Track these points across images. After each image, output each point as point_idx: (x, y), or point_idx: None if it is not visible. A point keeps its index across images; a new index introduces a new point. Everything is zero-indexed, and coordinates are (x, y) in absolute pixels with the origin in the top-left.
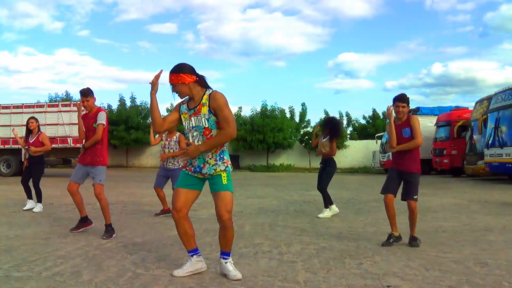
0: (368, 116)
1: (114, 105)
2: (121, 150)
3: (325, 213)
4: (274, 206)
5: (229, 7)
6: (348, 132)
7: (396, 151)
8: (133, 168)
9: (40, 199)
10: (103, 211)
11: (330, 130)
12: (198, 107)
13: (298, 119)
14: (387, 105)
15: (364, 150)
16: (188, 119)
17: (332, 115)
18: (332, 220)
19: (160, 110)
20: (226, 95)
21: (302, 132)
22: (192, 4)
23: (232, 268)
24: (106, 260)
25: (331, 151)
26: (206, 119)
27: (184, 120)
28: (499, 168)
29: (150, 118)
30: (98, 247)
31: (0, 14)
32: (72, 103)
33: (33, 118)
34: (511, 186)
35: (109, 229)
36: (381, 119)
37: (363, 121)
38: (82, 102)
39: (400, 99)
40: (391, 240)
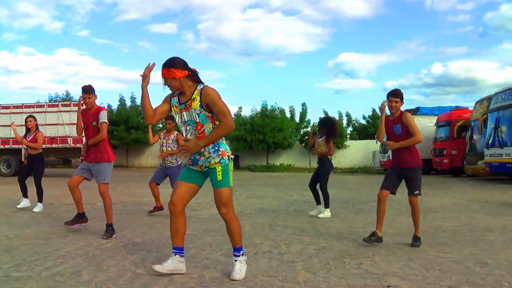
0: (368, 116)
1: (114, 105)
2: (121, 150)
3: (325, 213)
4: (274, 206)
5: (229, 7)
6: (348, 132)
7: (394, 150)
8: (133, 168)
9: (41, 198)
10: (106, 210)
11: (326, 129)
12: (189, 102)
13: (298, 119)
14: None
15: (364, 150)
16: (179, 113)
17: (328, 115)
18: (332, 220)
19: (151, 103)
20: (226, 95)
21: (302, 132)
22: (192, 4)
23: (238, 267)
24: (106, 260)
25: (327, 150)
26: (197, 113)
27: (175, 113)
28: (499, 168)
29: (142, 110)
30: (98, 247)
31: (0, 14)
32: (72, 103)
33: (31, 116)
34: (511, 186)
35: (109, 229)
36: None
37: (363, 121)
38: (84, 98)
39: (394, 94)
40: (372, 238)
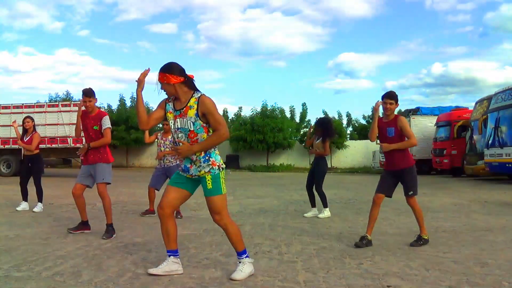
0: (368, 116)
1: (114, 105)
2: (121, 150)
3: (325, 212)
4: (274, 206)
5: (229, 7)
6: (348, 132)
7: (385, 152)
8: (133, 168)
9: (41, 198)
10: (106, 210)
11: (322, 130)
12: (184, 109)
13: (298, 119)
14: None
15: (364, 150)
16: (173, 119)
17: (324, 116)
18: (332, 220)
19: (146, 108)
20: (226, 95)
21: (302, 132)
22: (192, 4)
23: (240, 268)
24: (106, 260)
25: (324, 151)
26: (192, 122)
27: (169, 119)
28: (499, 168)
29: (136, 115)
30: (98, 247)
31: (0, 14)
32: (72, 103)
33: (28, 117)
34: (511, 186)
35: (109, 229)
36: None
37: (363, 121)
38: (84, 101)
39: (388, 96)
40: (364, 242)
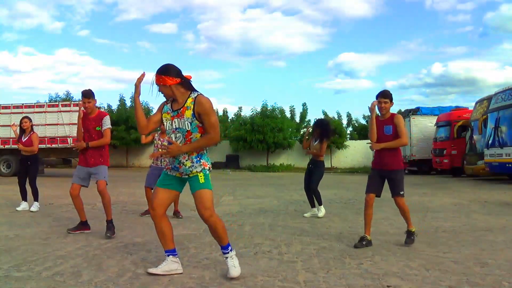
0: (368, 116)
1: (114, 105)
2: (121, 150)
3: (322, 210)
4: (274, 206)
5: (229, 7)
6: (348, 132)
7: (377, 150)
8: (133, 168)
9: (36, 198)
10: (106, 206)
11: (321, 131)
12: (181, 110)
13: (298, 119)
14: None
15: (364, 150)
16: (170, 120)
17: (322, 117)
18: (332, 220)
19: (145, 109)
20: (226, 95)
21: (302, 132)
22: (192, 4)
23: (231, 264)
24: (106, 260)
25: (320, 151)
26: (189, 122)
27: (166, 120)
28: (499, 168)
29: (135, 119)
30: (98, 247)
31: (0, 14)
32: (72, 103)
33: (26, 117)
34: (511, 186)
35: (110, 225)
36: None
37: (363, 121)
38: (84, 103)
39: (383, 95)
40: (364, 243)
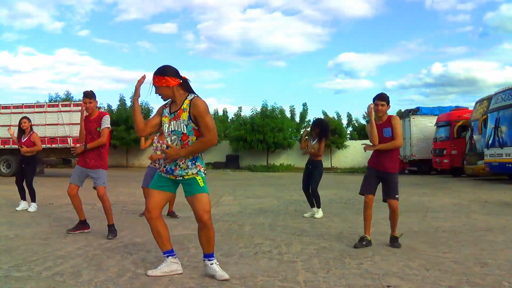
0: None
1: (114, 105)
2: (121, 150)
3: (320, 212)
4: (274, 206)
5: (229, 7)
6: (348, 132)
7: (375, 151)
8: (133, 168)
9: (34, 198)
10: (106, 212)
11: (320, 130)
12: (178, 112)
13: (298, 119)
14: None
15: (364, 151)
16: (168, 123)
17: (320, 118)
18: (332, 220)
19: (145, 109)
20: (226, 95)
21: (302, 132)
22: (192, 4)
23: (219, 268)
24: (106, 260)
25: (319, 152)
26: (185, 125)
27: (163, 123)
28: (499, 168)
29: (133, 122)
30: (98, 247)
31: (0, 14)
32: (72, 103)
33: (25, 118)
34: (511, 186)
35: (112, 229)
36: None
37: (363, 121)
38: (85, 103)
39: (380, 98)
40: (364, 243)
